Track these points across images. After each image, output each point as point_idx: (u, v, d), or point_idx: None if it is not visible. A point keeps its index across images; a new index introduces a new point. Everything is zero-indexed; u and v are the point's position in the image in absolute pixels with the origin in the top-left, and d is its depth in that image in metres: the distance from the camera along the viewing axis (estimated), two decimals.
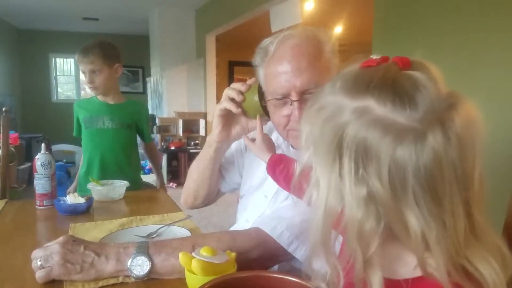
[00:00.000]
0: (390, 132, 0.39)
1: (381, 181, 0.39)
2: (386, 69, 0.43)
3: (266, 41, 0.88)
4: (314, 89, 0.82)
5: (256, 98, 0.89)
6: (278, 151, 0.94)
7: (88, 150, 1.88)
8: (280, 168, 0.83)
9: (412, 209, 0.39)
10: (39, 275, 0.71)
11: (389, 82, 0.41)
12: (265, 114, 0.92)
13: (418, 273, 0.43)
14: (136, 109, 1.95)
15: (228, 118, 0.95)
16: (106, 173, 1.80)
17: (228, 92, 0.91)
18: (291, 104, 0.83)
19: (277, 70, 0.83)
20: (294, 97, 0.82)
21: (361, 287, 0.43)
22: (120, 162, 1.86)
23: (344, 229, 0.43)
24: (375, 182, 0.40)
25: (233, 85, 0.92)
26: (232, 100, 0.91)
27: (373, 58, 0.45)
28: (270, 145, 0.92)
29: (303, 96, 0.82)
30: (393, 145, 0.39)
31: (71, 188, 1.99)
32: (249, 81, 0.92)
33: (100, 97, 1.88)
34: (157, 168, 2.16)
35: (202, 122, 5.52)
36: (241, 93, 0.90)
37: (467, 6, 1.90)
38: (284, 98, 0.84)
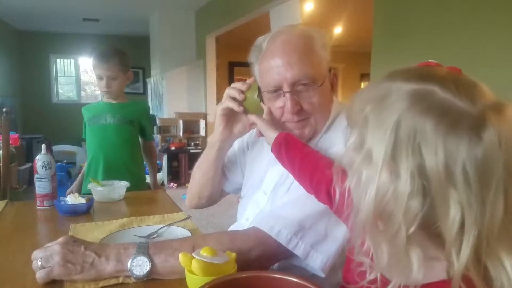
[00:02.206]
0: (450, 114, 0.42)
1: (436, 157, 0.41)
2: (447, 69, 0.47)
3: (259, 39, 0.92)
4: (305, 81, 0.85)
5: (256, 96, 0.92)
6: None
7: (92, 147, 1.91)
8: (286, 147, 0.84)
9: (458, 189, 0.41)
10: (40, 275, 0.71)
11: (452, 77, 0.45)
12: None
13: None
14: (137, 107, 1.99)
15: (230, 117, 0.97)
16: (110, 169, 1.83)
17: (229, 91, 0.93)
18: (283, 96, 0.86)
19: (270, 65, 0.87)
20: (286, 88, 0.85)
21: (405, 261, 0.44)
22: (124, 158, 1.88)
23: (388, 205, 0.44)
24: (430, 156, 0.41)
25: (234, 84, 0.94)
26: (233, 99, 0.92)
27: (431, 61, 0.50)
28: (277, 125, 0.92)
29: (295, 88, 0.86)
30: (453, 126, 0.41)
31: (73, 186, 2.01)
32: (249, 80, 0.94)
33: (105, 99, 1.94)
34: (153, 168, 2.16)
35: (202, 123, 5.52)
36: (242, 92, 0.92)
37: (466, 5, 1.90)
38: (277, 91, 0.87)
